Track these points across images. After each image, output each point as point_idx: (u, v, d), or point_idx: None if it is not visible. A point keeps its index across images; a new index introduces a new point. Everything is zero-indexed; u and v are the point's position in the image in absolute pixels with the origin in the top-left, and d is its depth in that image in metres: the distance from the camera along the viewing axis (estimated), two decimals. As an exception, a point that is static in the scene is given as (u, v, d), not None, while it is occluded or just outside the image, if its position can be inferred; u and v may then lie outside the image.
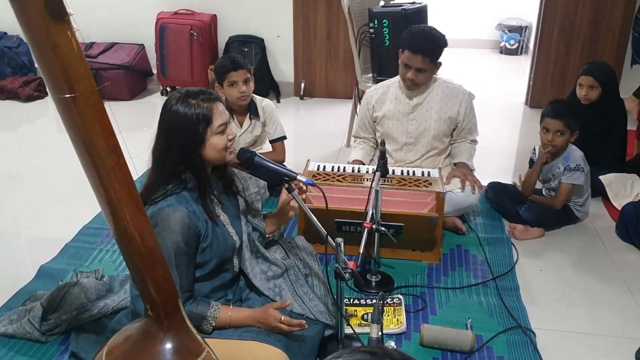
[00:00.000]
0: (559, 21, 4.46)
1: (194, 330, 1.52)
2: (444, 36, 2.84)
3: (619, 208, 3.02)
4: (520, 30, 6.52)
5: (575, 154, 2.92)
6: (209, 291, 1.89)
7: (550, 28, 4.50)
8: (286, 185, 1.94)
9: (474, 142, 3.04)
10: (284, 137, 3.21)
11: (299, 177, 1.92)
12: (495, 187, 3.17)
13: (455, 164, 3.00)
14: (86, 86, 1.21)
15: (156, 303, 1.45)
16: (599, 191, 3.21)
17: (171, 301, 1.47)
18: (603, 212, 3.16)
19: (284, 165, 2.08)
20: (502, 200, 3.10)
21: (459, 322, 2.24)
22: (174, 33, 4.72)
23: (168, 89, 4.98)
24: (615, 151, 3.35)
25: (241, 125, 3.08)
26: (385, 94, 3.00)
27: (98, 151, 1.27)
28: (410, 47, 2.76)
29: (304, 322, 1.83)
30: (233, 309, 1.86)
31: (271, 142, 3.21)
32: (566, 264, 2.73)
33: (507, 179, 3.37)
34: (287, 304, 1.86)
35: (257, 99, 3.13)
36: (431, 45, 2.77)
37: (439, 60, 2.84)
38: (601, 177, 3.21)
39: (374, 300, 1.91)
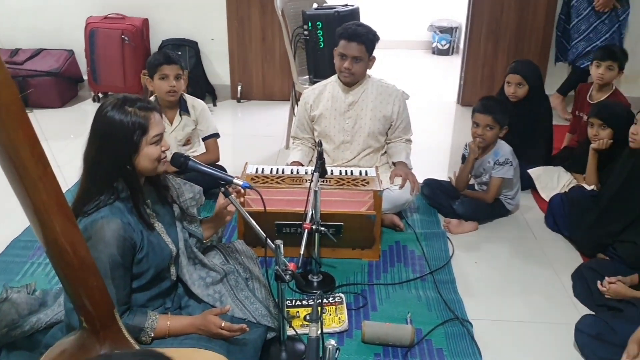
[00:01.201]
0: (487, 22, 4.63)
1: (132, 340, 1.49)
2: (375, 31, 2.92)
3: (547, 200, 3.16)
4: (450, 31, 6.71)
5: (504, 148, 3.04)
6: (146, 300, 1.86)
7: (479, 28, 4.66)
8: (222, 189, 1.93)
9: (409, 141, 3.11)
10: (217, 135, 3.21)
11: (235, 180, 1.91)
12: (430, 183, 3.25)
13: (394, 163, 3.06)
14: (7, 94, 1.17)
15: (91, 314, 1.42)
16: (528, 184, 3.34)
17: (106, 312, 1.44)
18: (532, 204, 3.30)
19: (220, 170, 2.06)
20: (437, 196, 3.18)
21: (399, 316, 2.29)
22: (104, 38, 4.60)
23: (100, 95, 4.84)
24: (542, 145, 3.51)
25: (171, 122, 3.07)
26: (321, 93, 3.04)
27: (23, 161, 1.23)
28: (346, 36, 2.84)
29: (244, 326, 1.82)
30: (172, 317, 1.84)
31: (204, 139, 3.21)
32: (499, 255, 2.84)
33: (442, 175, 3.46)
34: (226, 309, 1.85)
35: (188, 97, 3.14)
36: (366, 32, 2.85)
37: (373, 55, 2.91)
38: (530, 171, 3.35)
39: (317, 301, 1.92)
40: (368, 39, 2.85)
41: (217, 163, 3.19)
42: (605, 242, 2.67)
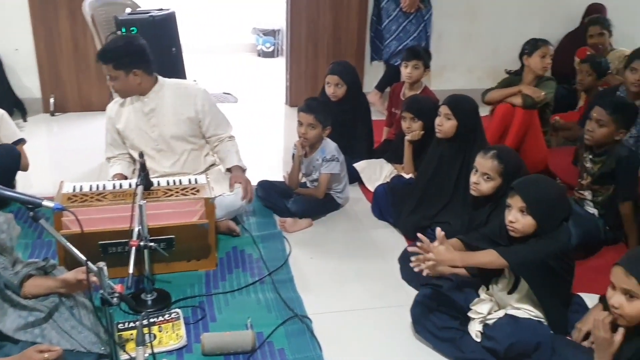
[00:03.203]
0: (305, 25, 4.77)
1: None
2: (138, 45, 2.80)
3: (372, 190, 3.35)
4: (273, 33, 6.83)
5: (330, 145, 3.16)
6: (-49, 346, 1.65)
7: (298, 31, 4.79)
8: (31, 213, 1.75)
9: (232, 138, 3.05)
10: (23, 140, 3.12)
11: (44, 202, 1.75)
12: (264, 185, 3.27)
13: (228, 169, 3.01)
14: None
15: None
16: (354, 177, 3.51)
17: None
18: (360, 196, 3.47)
19: (33, 196, 1.86)
20: (271, 197, 3.22)
21: (239, 323, 2.26)
22: None
23: None
24: (364, 140, 3.71)
25: None
26: (123, 105, 2.93)
27: None
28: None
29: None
30: (-18, 361, 1.65)
31: None
32: (333, 248, 2.94)
33: (276, 176, 3.49)
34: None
35: None
36: (109, 50, 2.80)
37: (133, 69, 2.76)
38: (355, 165, 3.53)
39: (143, 322, 1.84)
40: (110, 57, 2.76)
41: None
42: (424, 224, 2.87)
